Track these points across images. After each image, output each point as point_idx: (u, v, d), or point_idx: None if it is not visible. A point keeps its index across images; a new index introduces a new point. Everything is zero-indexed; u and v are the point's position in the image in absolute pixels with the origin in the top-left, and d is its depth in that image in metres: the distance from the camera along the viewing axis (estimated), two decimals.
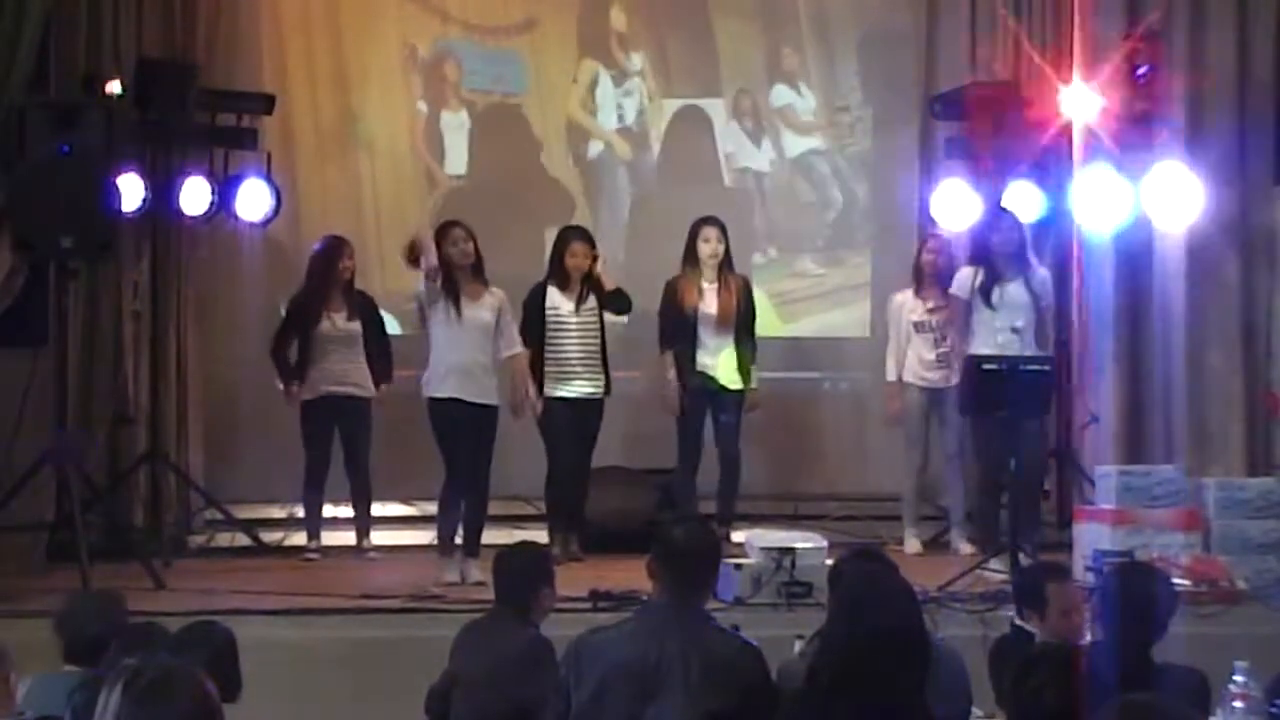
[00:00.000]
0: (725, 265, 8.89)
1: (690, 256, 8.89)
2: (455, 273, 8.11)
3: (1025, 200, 9.59)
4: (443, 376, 8.09)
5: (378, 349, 9.03)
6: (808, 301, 10.52)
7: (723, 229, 8.89)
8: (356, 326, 8.93)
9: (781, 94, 10.62)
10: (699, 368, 8.81)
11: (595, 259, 8.75)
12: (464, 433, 8.03)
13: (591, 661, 4.60)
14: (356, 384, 8.92)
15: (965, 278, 8.92)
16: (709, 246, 8.84)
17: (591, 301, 8.76)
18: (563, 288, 8.75)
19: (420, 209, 10.30)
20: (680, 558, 4.77)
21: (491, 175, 10.39)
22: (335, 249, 8.99)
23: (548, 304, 8.72)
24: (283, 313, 9.26)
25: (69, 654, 4.89)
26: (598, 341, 8.80)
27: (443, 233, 8.23)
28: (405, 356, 9.00)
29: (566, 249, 8.77)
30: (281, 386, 8.98)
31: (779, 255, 10.54)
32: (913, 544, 9.05)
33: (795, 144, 10.62)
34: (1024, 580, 5.87)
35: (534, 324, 8.65)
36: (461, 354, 8.08)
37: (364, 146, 10.32)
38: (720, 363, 8.84)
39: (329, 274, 8.93)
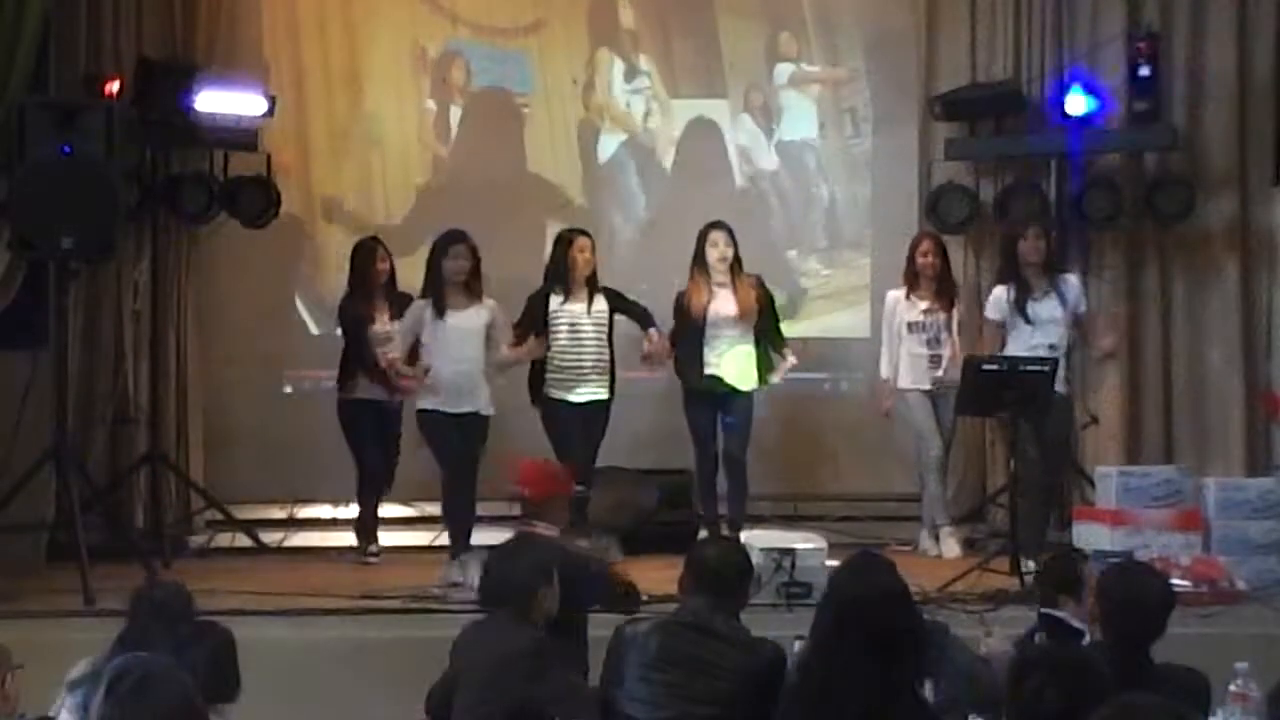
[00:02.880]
0: (735, 268, 8.86)
1: (699, 261, 8.86)
2: (445, 287, 8.13)
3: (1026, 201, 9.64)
4: (428, 388, 8.12)
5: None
6: (808, 302, 10.52)
7: (730, 233, 8.87)
8: (397, 327, 8.84)
9: (784, 95, 10.61)
10: (707, 370, 8.80)
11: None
12: (452, 440, 8.09)
13: (629, 652, 4.76)
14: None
15: (999, 298, 8.73)
16: (717, 251, 8.80)
17: (600, 304, 8.69)
18: (569, 291, 8.66)
19: (428, 208, 10.32)
20: (712, 576, 4.86)
21: (498, 175, 10.39)
22: (368, 253, 8.95)
23: (556, 309, 8.62)
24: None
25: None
26: (607, 345, 8.72)
27: (445, 244, 8.22)
28: None
29: (572, 245, 8.70)
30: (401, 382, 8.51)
31: (780, 256, 10.53)
32: (949, 544, 8.94)
33: (797, 145, 10.62)
34: (1056, 566, 5.73)
35: (535, 324, 8.58)
36: (445, 366, 8.09)
37: (374, 145, 10.32)
38: (728, 364, 8.81)
39: (367, 278, 8.90)
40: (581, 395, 8.67)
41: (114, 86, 8.76)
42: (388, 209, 10.27)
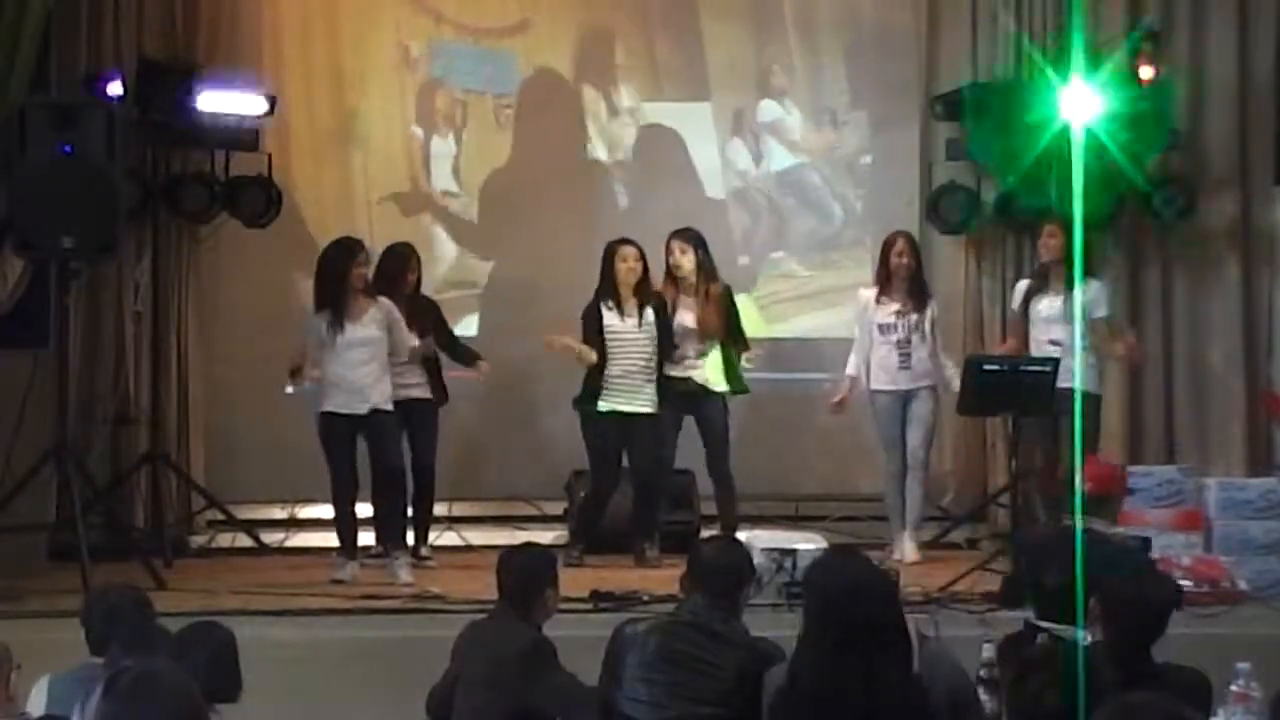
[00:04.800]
0: (703, 275, 8.80)
1: (667, 268, 8.86)
2: (347, 295, 8.13)
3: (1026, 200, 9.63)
4: (325, 392, 8.14)
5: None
6: (808, 302, 10.50)
7: (694, 240, 8.81)
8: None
9: (776, 96, 10.59)
10: (668, 372, 8.73)
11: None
12: (348, 443, 8.16)
13: (628, 652, 4.76)
14: (418, 384, 8.83)
15: (1020, 291, 8.85)
16: (673, 259, 8.79)
17: (650, 315, 8.66)
18: (618, 303, 8.62)
19: (413, 207, 10.32)
20: (709, 574, 4.86)
21: (483, 175, 10.38)
22: (400, 259, 8.82)
23: (609, 323, 8.59)
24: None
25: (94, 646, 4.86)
26: (655, 358, 8.66)
27: (348, 253, 8.24)
28: None
29: (615, 256, 8.65)
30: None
31: (778, 256, 10.52)
32: (908, 547, 8.95)
33: (793, 145, 10.60)
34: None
35: (592, 341, 8.58)
36: (342, 369, 8.10)
37: (359, 145, 10.32)
38: (701, 369, 8.79)
39: (396, 284, 8.71)
40: (628, 406, 8.61)
41: (115, 86, 8.76)
42: (369, 207, 10.26)
